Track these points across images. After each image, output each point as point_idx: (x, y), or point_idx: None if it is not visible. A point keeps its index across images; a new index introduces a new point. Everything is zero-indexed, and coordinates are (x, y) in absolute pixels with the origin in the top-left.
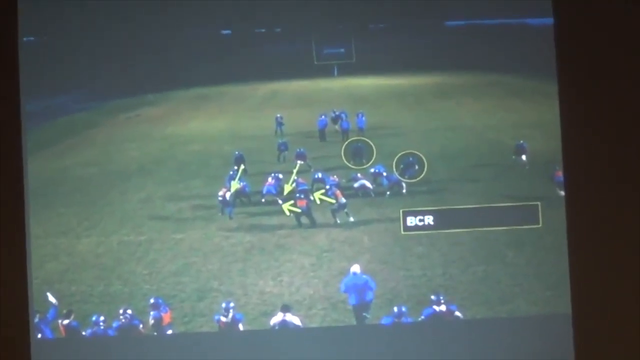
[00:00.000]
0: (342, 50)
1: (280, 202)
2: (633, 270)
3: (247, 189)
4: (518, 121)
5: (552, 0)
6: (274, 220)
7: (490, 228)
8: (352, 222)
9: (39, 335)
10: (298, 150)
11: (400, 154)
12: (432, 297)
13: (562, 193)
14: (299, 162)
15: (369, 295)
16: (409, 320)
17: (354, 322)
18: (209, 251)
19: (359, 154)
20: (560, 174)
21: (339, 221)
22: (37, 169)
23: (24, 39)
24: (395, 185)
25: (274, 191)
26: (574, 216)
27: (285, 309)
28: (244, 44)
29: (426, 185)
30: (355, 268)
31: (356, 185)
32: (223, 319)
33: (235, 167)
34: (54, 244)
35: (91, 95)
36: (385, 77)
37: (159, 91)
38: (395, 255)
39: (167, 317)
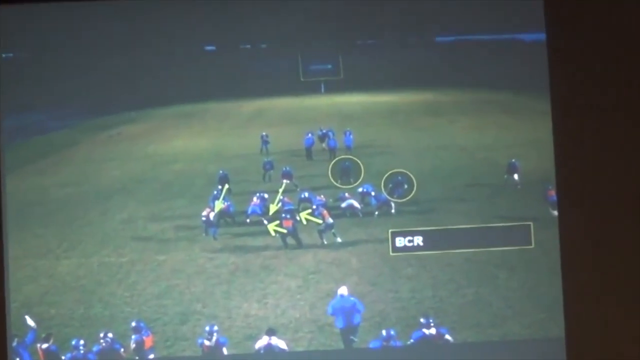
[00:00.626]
0: (330, 66)
1: (265, 222)
2: (628, 293)
3: (231, 208)
4: (511, 139)
5: (545, 15)
6: (259, 241)
7: (481, 249)
8: (340, 243)
9: None
10: (284, 169)
11: (389, 173)
12: (422, 320)
13: (555, 213)
14: (284, 181)
15: (357, 318)
16: (398, 343)
17: (341, 345)
18: (192, 273)
19: (346, 172)
20: (553, 193)
21: (326, 242)
22: (15, 188)
23: (3, 55)
24: (384, 205)
25: (259, 211)
26: (568, 236)
27: (271, 332)
28: (228, 60)
29: (415, 205)
30: (343, 290)
31: (344, 205)
32: (207, 342)
33: (220, 187)
34: (33, 266)
35: (71, 113)
36: (373, 94)
37: (141, 108)
38: (384, 277)
39: (149, 340)
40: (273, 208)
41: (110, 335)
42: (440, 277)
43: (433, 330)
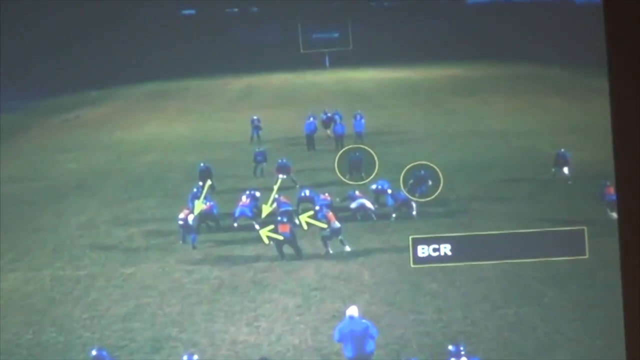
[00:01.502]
0: (336, 34)
1: (257, 227)
2: None
3: (214, 210)
4: (559, 124)
5: None
6: (250, 250)
7: (523, 260)
8: (349, 253)
9: None
10: (280, 161)
11: (409, 166)
12: (451, 347)
13: (615, 215)
14: (280, 176)
15: (370, 345)
16: None
17: None
18: (166, 289)
19: (357, 165)
20: (612, 191)
21: (331, 251)
22: None
23: None
24: (403, 206)
25: (249, 213)
26: (630, 245)
27: None
28: (211, 27)
29: (442, 205)
30: (353, 311)
31: (353, 205)
32: None
33: (200, 183)
34: None
35: (18, 92)
36: (390, 68)
37: (104, 87)
38: (403, 295)
39: None
40: (266, 209)
41: None
42: (472, 295)
43: None
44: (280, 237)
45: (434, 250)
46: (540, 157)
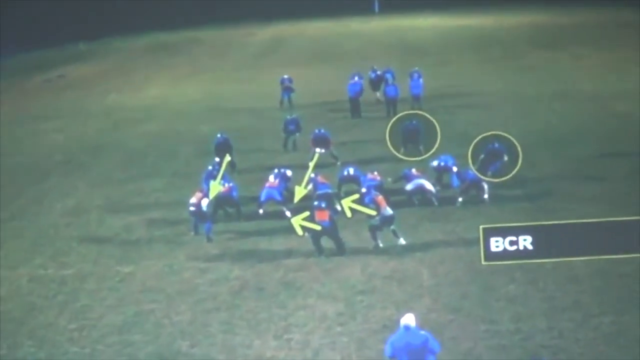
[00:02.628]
0: None
1: (288, 214)
2: None
3: (235, 193)
4: None
5: None
6: (279, 243)
7: (622, 256)
8: (403, 247)
9: None
10: (317, 131)
11: (479, 137)
12: None
13: None
14: (317, 150)
15: None
16: None
17: None
18: (174, 293)
19: (413, 137)
20: None
21: (381, 244)
22: None
23: None
24: (472, 187)
25: (278, 197)
26: None
27: None
28: None
29: (521, 187)
30: (409, 319)
31: (410, 187)
32: None
33: (217, 159)
34: None
35: None
36: (455, 15)
37: (95, 38)
38: (473, 299)
39: None
40: (300, 192)
41: None
42: (559, 299)
43: None
44: (318, 227)
45: (511, 243)
46: None
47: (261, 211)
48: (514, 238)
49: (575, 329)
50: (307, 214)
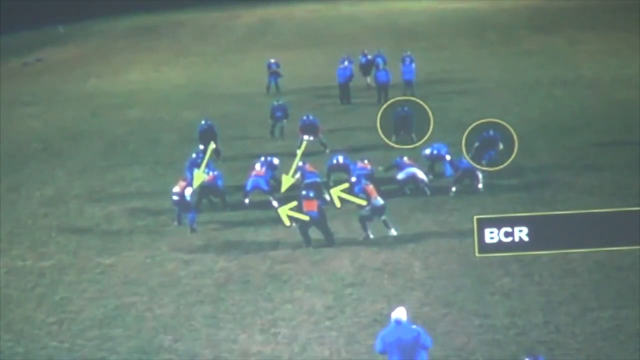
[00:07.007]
0: None
1: (275, 204)
2: None
3: (219, 182)
4: None
5: None
6: (265, 234)
7: (622, 248)
8: (395, 238)
9: None
10: (305, 118)
11: (474, 125)
12: None
13: None
14: (306, 137)
15: (422, 357)
16: None
17: None
18: (157, 285)
19: (405, 124)
20: None
21: (372, 236)
22: None
23: None
24: (466, 176)
25: (264, 186)
26: None
27: None
28: None
29: (517, 176)
30: (400, 313)
31: (401, 176)
32: None
33: (201, 147)
34: None
35: None
36: None
37: (75, 20)
38: (466, 292)
39: None
40: (287, 181)
41: None
42: (555, 293)
43: None
44: (306, 218)
45: (506, 234)
46: None
47: (247, 201)
48: (509, 229)
49: (573, 324)
50: (294, 203)
